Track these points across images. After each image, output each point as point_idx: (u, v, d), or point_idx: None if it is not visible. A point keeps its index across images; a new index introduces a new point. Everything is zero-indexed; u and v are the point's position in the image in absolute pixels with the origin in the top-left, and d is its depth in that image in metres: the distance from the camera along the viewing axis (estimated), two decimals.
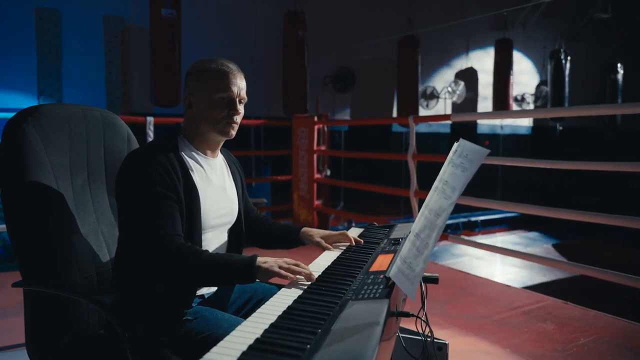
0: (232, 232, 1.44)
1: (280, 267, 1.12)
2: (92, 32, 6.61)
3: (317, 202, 4.86)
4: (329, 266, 1.24)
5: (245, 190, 1.55)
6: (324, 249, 1.46)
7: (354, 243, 1.49)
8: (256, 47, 7.55)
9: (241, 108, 1.34)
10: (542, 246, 7.60)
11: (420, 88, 8.72)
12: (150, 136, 4.05)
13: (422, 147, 9.39)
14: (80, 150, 1.47)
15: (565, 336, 2.50)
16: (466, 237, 8.00)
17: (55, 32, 6.43)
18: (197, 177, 1.30)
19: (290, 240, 1.53)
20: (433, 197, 0.83)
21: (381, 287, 0.98)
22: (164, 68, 5.62)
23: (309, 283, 1.10)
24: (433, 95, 9.23)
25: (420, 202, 4.01)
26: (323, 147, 5.06)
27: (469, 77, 9.53)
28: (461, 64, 9.66)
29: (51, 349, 1.26)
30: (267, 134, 7.62)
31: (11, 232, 1.28)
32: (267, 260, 1.14)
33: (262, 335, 0.80)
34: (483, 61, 9.87)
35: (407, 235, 1.06)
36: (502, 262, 6.31)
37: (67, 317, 1.28)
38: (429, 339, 1.48)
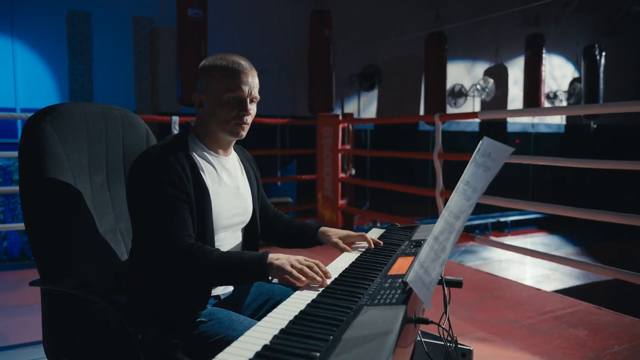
0: (247, 231, 1.42)
1: (292, 266, 1.08)
2: (122, 33, 6.72)
3: (341, 202, 4.81)
4: (346, 268, 1.20)
5: (261, 189, 1.52)
6: (341, 250, 1.42)
7: (372, 245, 1.44)
8: (282, 47, 7.55)
9: (252, 108, 1.30)
10: (574, 248, 7.36)
11: (448, 86, 8.56)
12: None
13: (450, 146, 9.22)
14: (98, 149, 1.47)
15: (598, 343, 2.39)
16: (495, 239, 7.83)
17: (86, 34, 6.56)
18: (208, 176, 1.27)
19: (308, 240, 1.49)
20: (454, 199, 0.78)
21: (398, 292, 0.93)
22: (190, 68, 5.68)
23: (325, 286, 1.06)
24: (461, 93, 9.05)
25: (447, 202, 3.93)
26: (348, 146, 5.01)
27: (498, 74, 9.31)
28: (491, 60, 9.45)
29: (67, 348, 1.26)
30: (292, 133, 7.61)
31: (29, 230, 1.28)
32: (280, 257, 1.11)
33: (270, 342, 0.76)
34: (513, 57, 9.63)
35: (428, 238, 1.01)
36: (533, 264, 6.14)
37: (83, 317, 1.27)
38: (452, 345, 1.42)
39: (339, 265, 1.24)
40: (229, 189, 1.33)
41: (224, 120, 1.26)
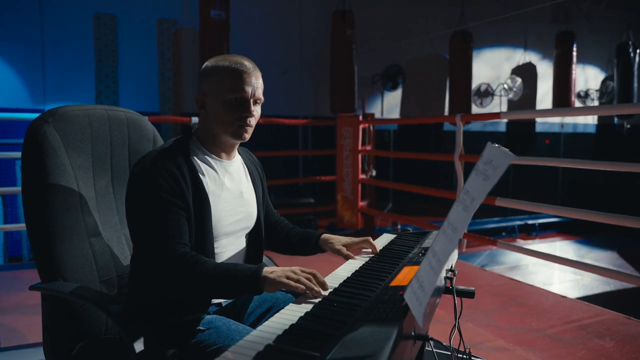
0: (251, 237, 1.38)
1: (288, 278, 1.03)
2: (146, 35, 6.82)
3: (361, 203, 4.75)
4: (348, 278, 1.15)
5: (266, 193, 1.48)
6: (345, 257, 1.37)
7: (377, 251, 1.39)
8: (304, 47, 7.52)
9: (256, 109, 1.26)
10: (606, 252, 7.10)
11: (474, 85, 8.39)
12: None
13: (475, 147, 9.04)
14: (103, 152, 1.46)
15: (626, 355, 2.27)
16: (522, 242, 7.62)
17: (111, 36, 6.68)
18: (208, 181, 1.24)
19: (309, 247, 1.45)
20: (453, 209, 0.73)
21: (397, 306, 0.88)
22: None
23: (321, 297, 1.01)
24: (487, 93, 8.85)
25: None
26: (368, 147, 4.95)
27: (527, 72, 9.06)
28: (518, 59, 9.21)
29: (67, 353, 1.25)
30: (314, 134, 7.58)
31: (30, 234, 1.27)
32: (275, 270, 1.06)
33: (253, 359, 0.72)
34: (543, 55, 9.37)
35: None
36: (561, 269, 5.93)
37: (83, 322, 1.26)
38: (462, 356, 1.35)
39: (340, 273, 1.20)
40: (232, 194, 1.29)
41: (227, 122, 1.22)
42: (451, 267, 1.45)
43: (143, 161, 1.18)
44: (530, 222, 8.65)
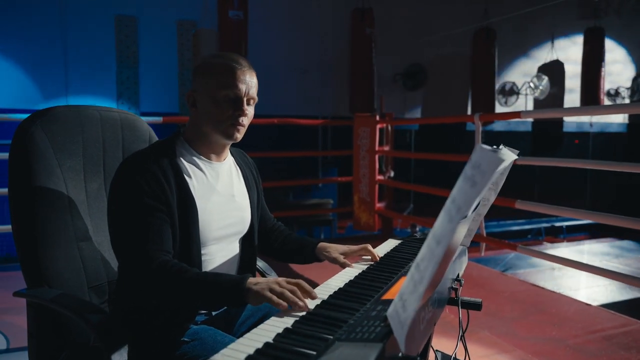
0: (244, 243, 1.32)
1: (272, 291, 0.96)
2: (166, 36, 6.85)
3: (378, 205, 4.65)
4: (340, 288, 1.07)
5: (262, 197, 1.42)
6: (342, 265, 1.29)
7: (377, 258, 1.31)
8: (323, 46, 7.45)
9: (250, 109, 1.20)
10: (636, 257, 6.81)
11: (499, 84, 8.18)
12: None
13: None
14: (95, 154, 1.42)
15: None
16: (548, 245, 7.37)
17: (132, 38, 6.74)
18: (195, 184, 1.18)
19: (305, 256, 1.38)
20: (438, 219, 0.65)
21: (382, 323, 0.80)
22: None
23: (307, 310, 0.94)
24: (513, 91, 8.62)
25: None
26: (386, 148, 4.84)
27: (554, 70, 8.78)
28: (545, 56, 8.94)
29: None
30: (334, 134, 7.50)
31: (15, 237, 1.24)
32: (259, 281, 0.99)
33: None
34: (570, 52, 9.07)
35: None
36: (587, 275, 5.71)
37: (69, 330, 1.22)
38: None
39: (332, 284, 1.12)
40: (222, 197, 1.23)
41: (218, 121, 1.16)
42: (457, 276, 1.36)
43: (125, 163, 1.13)
44: (557, 224, 8.39)
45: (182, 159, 1.19)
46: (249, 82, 1.18)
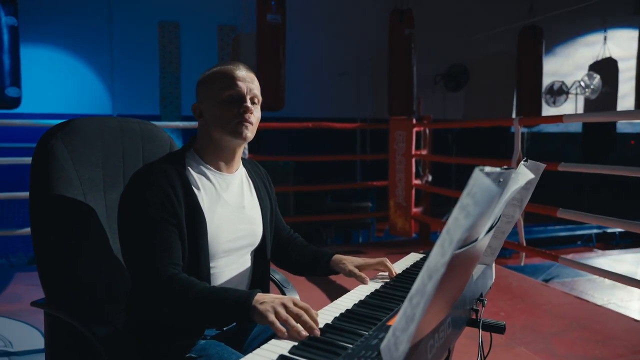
0: (256, 255, 1.30)
1: (276, 314, 0.93)
2: (207, 41, 6.99)
3: (415, 210, 4.54)
4: (348, 310, 1.03)
5: (275, 207, 1.39)
6: (358, 279, 1.25)
7: (394, 274, 1.26)
8: (362, 48, 7.39)
9: (255, 109, 1.19)
10: None
11: (546, 83, 7.84)
12: None
13: (546, 149, 8.46)
14: (114, 165, 1.43)
15: None
16: (599, 251, 7.00)
17: (175, 43, 6.92)
18: (204, 195, 1.17)
19: (321, 269, 1.34)
20: (433, 251, 0.60)
21: (379, 357, 0.75)
22: (269, 72, 5.73)
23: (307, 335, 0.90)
24: (562, 91, 8.25)
25: (527, 217, 3.52)
26: (424, 151, 4.73)
27: (607, 68, 8.33)
28: (597, 53, 8.50)
29: None
30: (373, 137, 7.42)
31: (35, 247, 1.27)
32: (266, 300, 0.96)
33: None
34: (625, 50, 8.59)
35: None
36: None
37: (83, 342, 1.23)
38: None
39: (342, 304, 1.08)
40: (231, 209, 1.22)
41: (226, 121, 1.17)
42: (481, 295, 1.29)
43: (134, 177, 1.14)
44: (609, 230, 7.95)
45: (191, 170, 1.19)
46: (249, 81, 1.20)
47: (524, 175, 0.87)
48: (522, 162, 1.01)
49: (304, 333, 0.90)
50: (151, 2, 6.80)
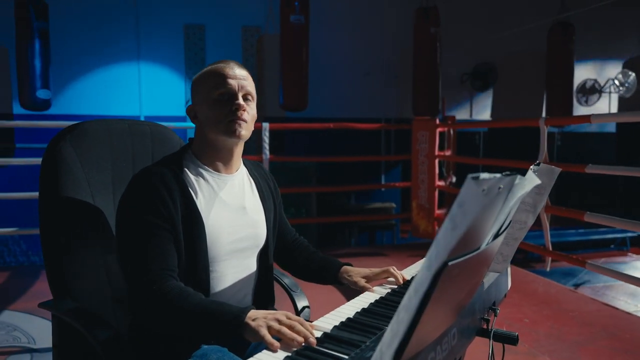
0: (261, 258, 1.28)
1: (269, 328, 0.90)
2: (232, 43, 7.03)
3: (438, 212, 4.46)
4: (349, 318, 1.00)
5: (280, 209, 1.37)
6: (361, 289, 1.22)
7: (401, 282, 1.22)
8: (386, 47, 7.31)
9: (249, 106, 1.18)
10: None
11: (578, 82, 7.60)
12: (266, 141, 4.10)
13: (580, 150, 8.18)
14: (124, 167, 1.44)
15: None
16: (635, 255, 6.73)
17: (200, 45, 6.99)
18: (202, 198, 1.15)
19: (328, 278, 1.32)
20: (422, 264, 0.56)
21: None
22: (292, 73, 5.73)
23: (300, 346, 0.87)
24: (594, 90, 7.99)
25: (558, 219, 3.39)
26: (448, 152, 4.64)
27: None
28: (632, 50, 8.19)
29: None
30: (398, 137, 7.33)
31: (43, 248, 1.28)
32: (258, 316, 0.94)
33: None
34: None
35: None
36: None
37: (88, 344, 1.23)
38: None
39: (344, 311, 1.05)
40: (231, 210, 1.20)
41: (218, 120, 1.16)
42: (493, 304, 1.24)
43: (132, 180, 1.14)
44: None
45: (188, 172, 1.18)
46: (240, 77, 1.18)
47: (530, 180, 0.82)
48: (533, 165, 0.96)
49: (300, 339, 0.87)
50: (177, 5, 6.89)
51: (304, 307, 1.44)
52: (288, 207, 4.91)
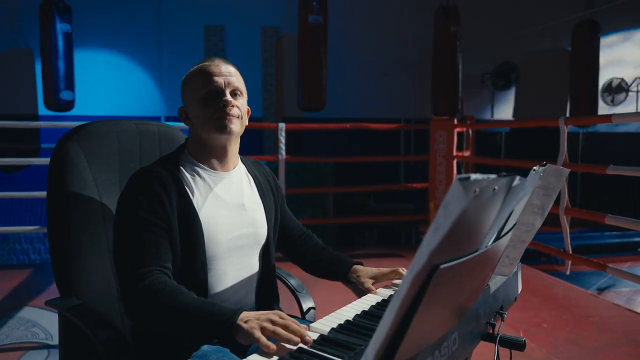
0: (262, 256, 1.27)
1: (263, 330, 0.89)
2: (251, 43, 7.08)
3: None
4: (348, 320, 0.98)
5: (284, 205, 1.37)
6: (366, 290, 1.20)
7: None
8: (406, 47, 7.25)
9: (238, 102, 1.18)
10: None
11: (603, 80, 7.41)
12: (282, 142, 4.10)
13: (605, 151, 7.98)
14: (132, 166, 1.44)
15: None
16: None
17: (220, 46, 7.05)
18: (198, 195, 1.15)
19: (338, 276, 1.31)
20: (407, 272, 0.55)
21: None
22: (310, 73, 5.73)
23: (293, 349, 0.86)
24: (621, 89, 7.78)
25: (573, 222, 3.29)
26: (466, 153, 4.57)
27: None
28: None
29: None
30: (417, 137, 7.26)
31: (50, 247, 1.29)
32: (250, 318, 0.92)
33: None
34: None
35: None
36: None
37: (91, 341, 1.25)
38: None
39: (344, 313, 1.03)
40: (229, 207, 1.19)
41: (207, 118, 1.16)
42: (500, 308, 1.21)
43: (129, 179, 1.15)
44: None
45: (184, 171, 1.18)
46: (226, 73, 1.18)
47: (532, 181, 0.80)
48: (537, 166, 0.92)
49: (296, 339, 0.86)
50: (198, 6, 6.97)
51: (309, 308, 1.43)
52: (305, 208, 4.90)
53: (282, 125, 4.09)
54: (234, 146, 1.23)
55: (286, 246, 1.40)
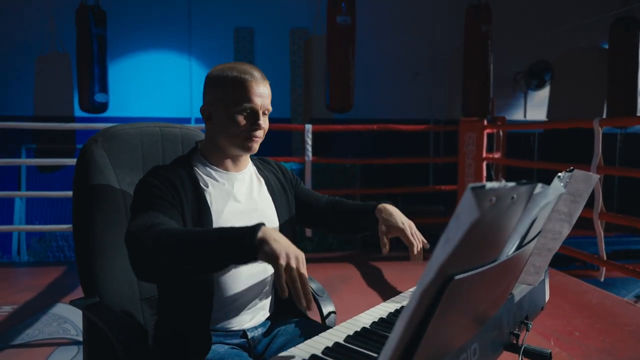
0: None
1: (287, 265, 0.84)
2: (280, 45, 7.12)
3: None
4: (365, 327, 0.97)
5: (298, 187, 1.37)
6: (381, 245, 1.22)
7: (414, 252, 1.18)
8: (436, 47, 7.15)
9: (265, 121, 1.17)
10: None
11: None
12: (309, 143, 4.10)
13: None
14: None
15: None
16: None
17: (249, 48, 7.12)
18: (212, 193, 1.16)
19: (363, 218, 1.28)
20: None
21: None
22: (338, 74, 5.72)
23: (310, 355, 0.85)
24: None
25: (611, 227, 3.18)
26: (497, 155, 4.47)
27: None
28: None
29: None
30: (446, 138, 7.15)
31: (76, 247, 1.32)
32: (280, 241, 0.86)
33: None
34: None
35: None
36: None
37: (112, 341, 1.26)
38: None
39: (362, 320, 1.01)
40: (242, 206, 1.20)
41: (234, 134, 1.15)
42: (525, 318, 1.17)
43: (144, 175, 1.16)
44: None
45: (198, 170, 1.19)
46: (264, 94, 1.16)
47: (555, 189, 0.76)
48: (563, 172, 0.88)
49: (303, 302, 0.84)
50: (227, 9, 7.05)
51: (330, 313, 1.42)
52: None
53: (308, 127, 4.10)
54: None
55: (315, 219, 1.35)
